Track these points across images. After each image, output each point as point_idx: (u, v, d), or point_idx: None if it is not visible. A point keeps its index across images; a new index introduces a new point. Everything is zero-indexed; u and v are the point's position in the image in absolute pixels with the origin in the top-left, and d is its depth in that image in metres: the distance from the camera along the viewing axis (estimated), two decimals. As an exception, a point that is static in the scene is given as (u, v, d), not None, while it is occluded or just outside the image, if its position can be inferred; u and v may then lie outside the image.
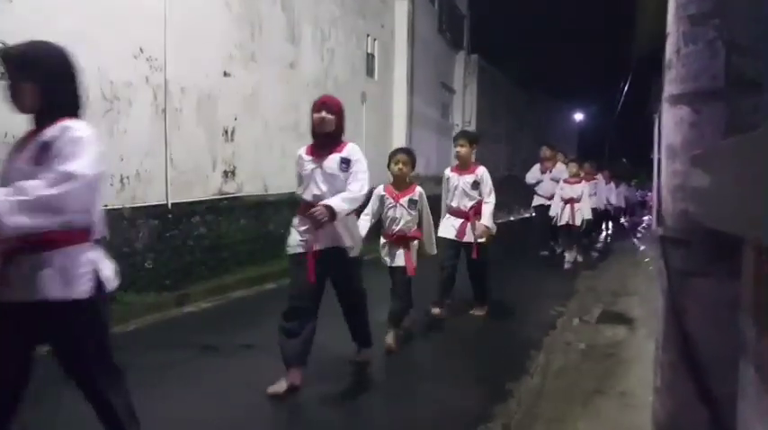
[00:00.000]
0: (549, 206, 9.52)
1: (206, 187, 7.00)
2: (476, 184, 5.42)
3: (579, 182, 9.24)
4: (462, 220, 5.44)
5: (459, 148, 5.51)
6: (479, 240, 5.37)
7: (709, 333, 1.73)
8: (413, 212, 4.54)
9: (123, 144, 5.76)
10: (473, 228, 5.37)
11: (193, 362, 4.23)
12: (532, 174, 10.12)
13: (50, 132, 2.03)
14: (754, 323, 1.23)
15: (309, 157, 3.62)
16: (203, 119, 6.92)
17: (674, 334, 1.80)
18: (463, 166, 5.52)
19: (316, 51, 9.54)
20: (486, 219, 5.35)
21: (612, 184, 15.14)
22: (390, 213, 4.54)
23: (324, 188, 3.52)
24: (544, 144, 10.50)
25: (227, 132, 7.28)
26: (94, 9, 5.34)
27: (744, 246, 1.24)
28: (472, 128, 18.15)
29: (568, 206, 9.06)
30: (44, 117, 2.10)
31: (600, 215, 12.51)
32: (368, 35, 11.63)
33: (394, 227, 4.54)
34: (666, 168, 1.81)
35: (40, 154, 2.01)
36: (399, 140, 12.94)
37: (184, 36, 6.46)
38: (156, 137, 6.22)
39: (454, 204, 5.50)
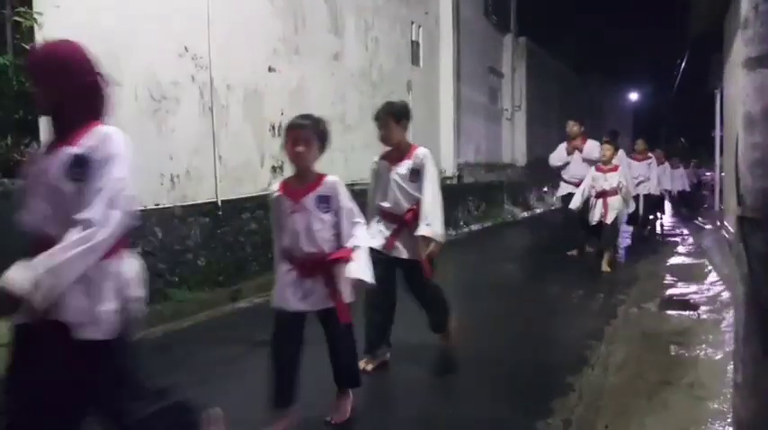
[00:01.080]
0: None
1: (255, 183, 7.02)
2: (414, 174, 3.77)
3: (615, 169, 7.45)
4: (395, 226, 3.80)
5: (380, 130, 3.98)
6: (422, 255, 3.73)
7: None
8: (326, 217, 2.85)
9: (172, 143, 5.82)
10: (408, 240, 3.75)
11: (247, 357, 4.24)
12: (558, 155, 8.32)
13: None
14: None
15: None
16: (250, 115, 6.94)
17: (757, 324, 1.63)
18: (394, 151, 3.93)
19: (360, 41, 9.46)
20: (436, 225, 3.67)
21: (667, 165, 13.87)
22: (289, 224, 2.86)
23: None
24: (570, 119, 8.68)
25: (273, 127, 7.27)
26: (138, 9, 5.39)
27: None
28: (522, 112, 17.74)
29: (600, 201, 7.41)
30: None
31: (655, 202, 11.11)
32: (412, 22, 11.47)
33: (300, 246, 2.85)
34: (744, 140, 1.61)
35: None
36: (447, 128, 12.81)
37: (228, 33, 6.47)
38: (204, 135, 6.26)
39: (386, 205, 3.83)
